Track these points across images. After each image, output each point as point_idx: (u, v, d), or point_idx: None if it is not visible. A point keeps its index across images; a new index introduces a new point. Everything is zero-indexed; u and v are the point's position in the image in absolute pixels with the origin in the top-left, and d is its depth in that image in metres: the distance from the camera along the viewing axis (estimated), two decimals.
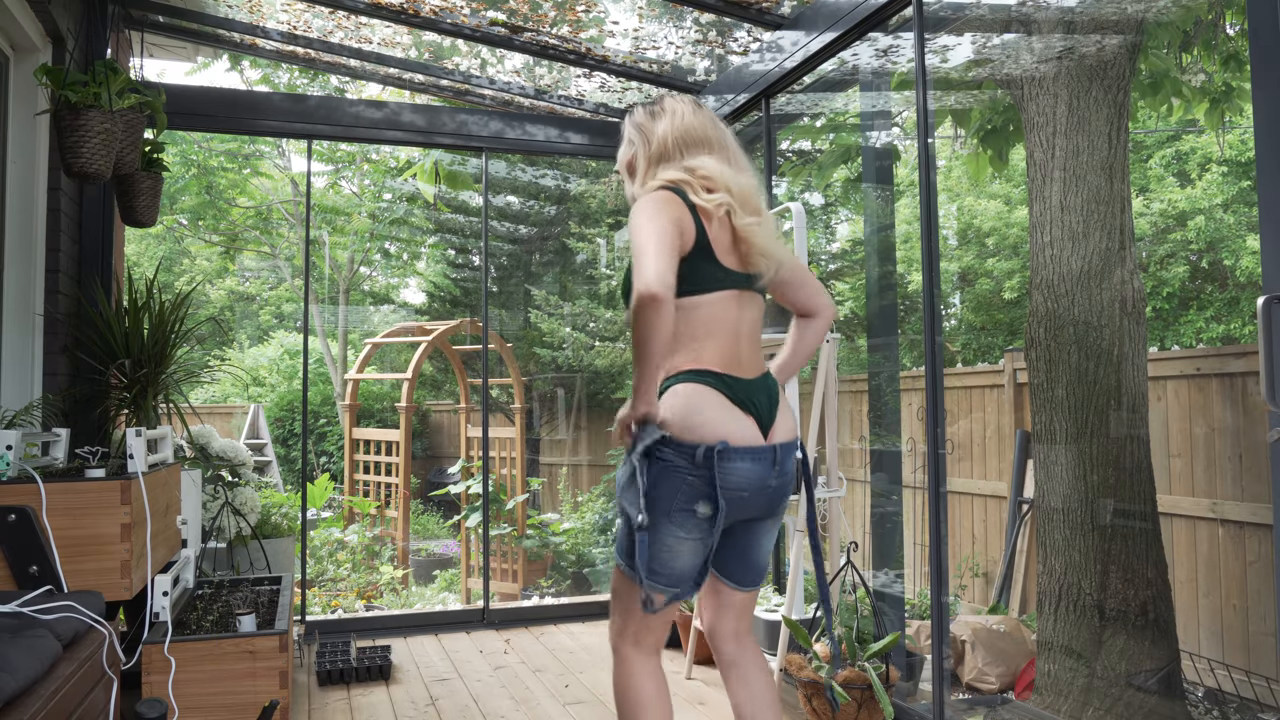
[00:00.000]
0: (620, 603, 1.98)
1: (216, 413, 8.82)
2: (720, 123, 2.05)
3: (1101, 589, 3.37)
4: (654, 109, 2.05)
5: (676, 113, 2.00)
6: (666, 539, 1.83)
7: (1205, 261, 6.90)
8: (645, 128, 2.03)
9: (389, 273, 10.28)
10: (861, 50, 3.42)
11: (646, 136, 2.02)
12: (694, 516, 1.82)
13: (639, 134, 2.03)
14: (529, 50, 3.98)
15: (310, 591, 5.38)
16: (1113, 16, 3.64)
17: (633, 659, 1.97)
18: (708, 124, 2.01)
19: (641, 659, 1.97)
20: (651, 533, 1.83)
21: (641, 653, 1.97)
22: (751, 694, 2.04)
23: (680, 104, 2.03)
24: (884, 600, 3.20)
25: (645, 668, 1.96)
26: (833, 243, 8.70)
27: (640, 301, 1.68)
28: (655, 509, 1.82)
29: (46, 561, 2.17)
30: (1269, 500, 3.37)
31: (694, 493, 1.82)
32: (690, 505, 1.82)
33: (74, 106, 2.53)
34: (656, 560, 1.85)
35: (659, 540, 1.84)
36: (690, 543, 1.85)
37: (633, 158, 2.05)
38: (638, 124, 2.04)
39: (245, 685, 2.59)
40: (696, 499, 1.82)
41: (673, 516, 1.82)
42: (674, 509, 1.82)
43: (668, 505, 1.82)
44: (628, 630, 1.97)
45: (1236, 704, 3.50)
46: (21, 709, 1.48)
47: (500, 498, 6.32)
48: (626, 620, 1.97)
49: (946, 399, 5.30)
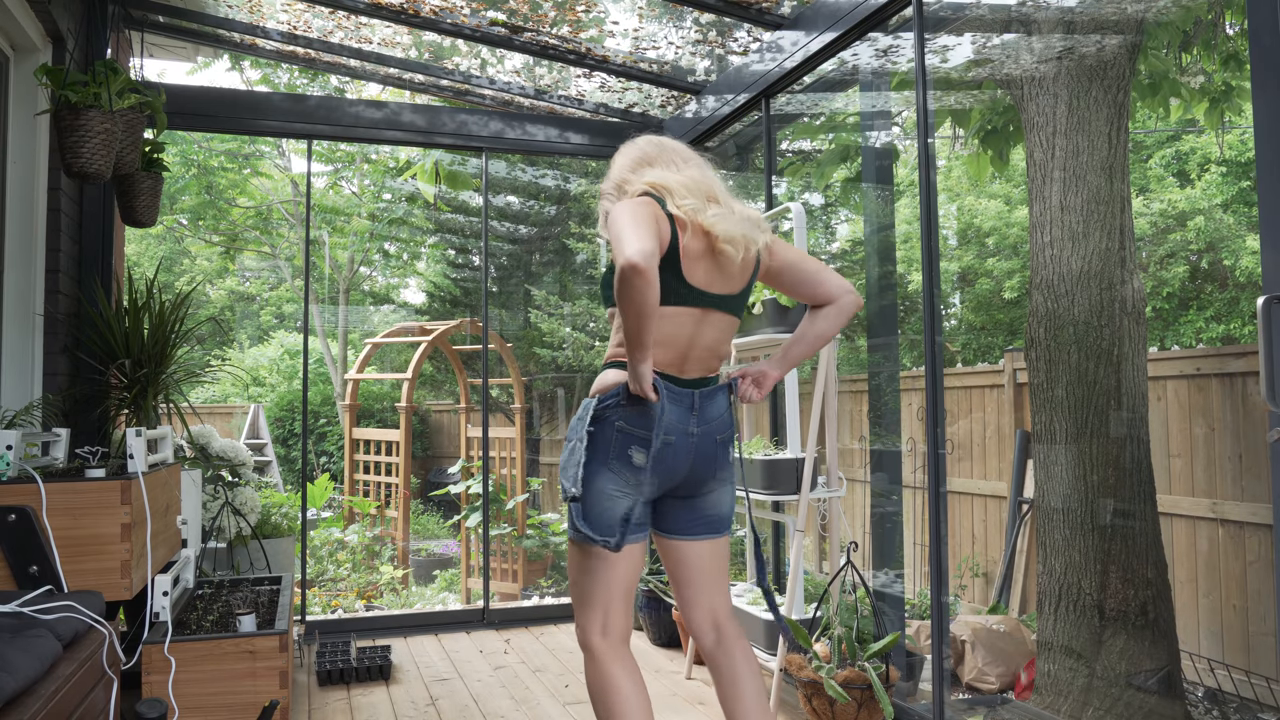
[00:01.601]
0: (580, 589, 2.03)
1: (216, 413, 8.82)
2: (669, 142, 2.20)
3: (1101, 589, 3.37)
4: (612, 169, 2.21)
5: (623, 151, 2.18)
6: (607, 486, 1.94)
7: (1205, 261, 6.90)
8: (609, 179, 2.16)
9: (389, 273, 10.28)
10: (861, 50, 3.42)
11: (614, 183, 2.15)
12: (630, 465, 1.94)
13: (607, 185, 2.16)
14: (529, 50, 3.98)
15: (310, 591, 5.38)
16: (1113, 16, 3.64)
17: (604, 652, 1.99)
18: (647, 146, 2.16)
19: (613, 651, 2.00)
20: (592, 483, 1.94)
21: (610, 643, 2.00)
22: (741, 700, 2.04)
23: (627, 145, 2.21)
24: (884, 600, 3.20)
25: (617, 659, 1.99)
26: (833, 243, 8.70)
27: (623, 274, 1.72)
28: (595, 460, 1.94)
29: (46, 561, 2.17)
30: (1269, 500, 3.37)
31: (626, 438, 1.94)
32: (626, 451, 1.94)
33: (74, 106, 2.53)
34: (594, 511, 1.95)
35: (600, 489, 1.94)
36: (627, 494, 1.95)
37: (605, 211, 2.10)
38: (604, 187, 2.17)
39: (245, 685, 2.59)
40: (630, 443, 1.94)
41: (611, 465, 1.94)
42: (611, 457, 1.94)
43: (605, 455, 1.94)
44: (594, 620, 2.01)
45: (1236, 704, 3.50)
46: (21, 709, 1.48)
47: (500, 498, 6.32)
48: (590, 608, 2.01)
49: (946, 399, 5.30)
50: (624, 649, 2.02)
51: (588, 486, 1.95)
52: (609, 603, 2.01)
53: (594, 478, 1.94)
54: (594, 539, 1.94)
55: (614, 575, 2.00)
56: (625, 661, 1.99)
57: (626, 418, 1.94)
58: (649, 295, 1.74)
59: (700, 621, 2.11)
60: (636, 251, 1.73)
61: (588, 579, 2.02)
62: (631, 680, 1.97)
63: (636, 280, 1.72)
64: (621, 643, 2.02)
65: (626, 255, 1.73)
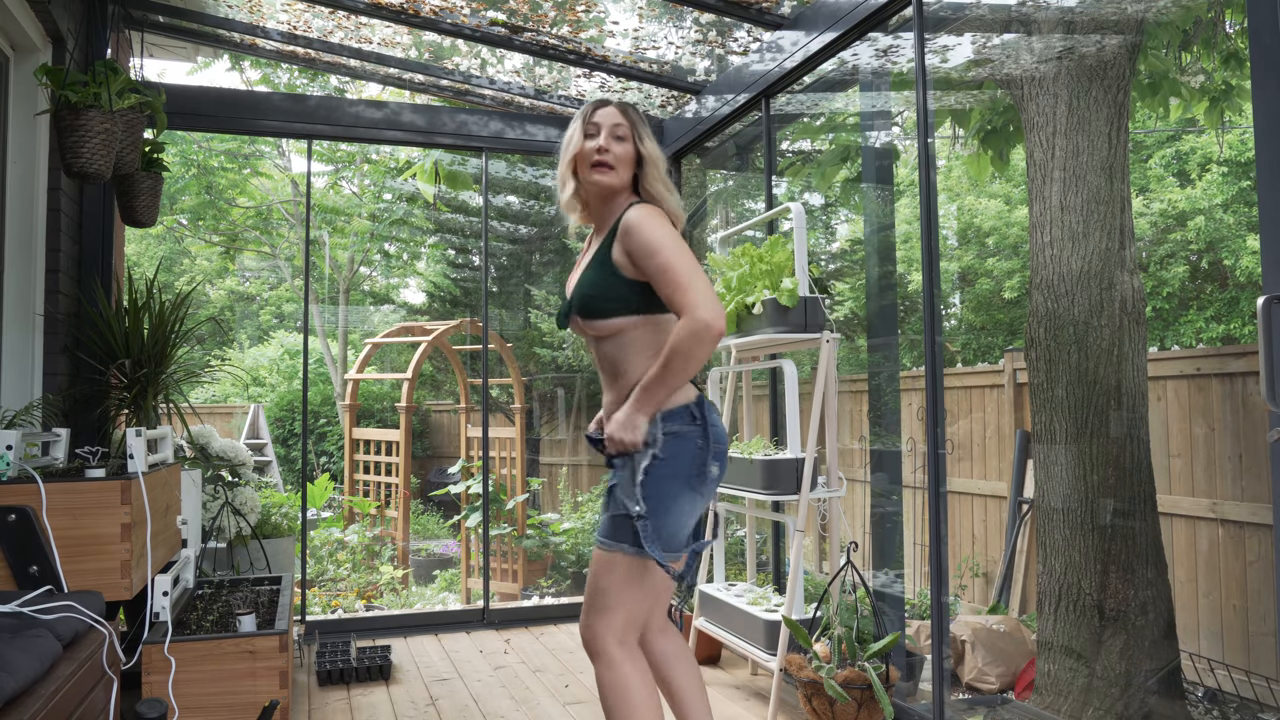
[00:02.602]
0: (616, 599, 1.93)
1: (216, 413, 8.83)
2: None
3: (1101, 589, 3.37)
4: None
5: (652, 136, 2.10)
6: (685, 506, 1.91)
7: (1205, 261, 6.90)
8: (655, 144, 2.07)
9: (389, 273, 10.28)
10: (861, 50, 3.41)
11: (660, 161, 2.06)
12: (706, 480, 1.93)
13: (645, 128, 2.06)
14: (529, 50, 3.98)
15: (310, 591, 5.38)
16: (1113, 16, 3.64)
17: (622, 660, 1.93)
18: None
19: (631, 659, 1.95)
20: (672, 503, 1.89)
21: (627, 651, 1.95)
22: (692, 675, 2.13)
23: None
24: (884, 600, 3.20)
25: (637, 668, 1.95)
26: (833, 243, 8.70)
27: (713, 334, 1.75)
28: (677, 480, 1.89)
29: (46, 561, 2.17)
30: (1269, 500, 3.37)
31: (703, 455, 1.92)
32: (704, 467, 1.93)
33: (74, 106, 2.53)
34: (668, 530, 1.89)
35: (678, 509, 1.90)
36: (700, 506, 1.95)
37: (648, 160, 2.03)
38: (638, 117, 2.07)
39: (245, 685, 2.59)
40: (706, 460, 1.93)
41: (691, 482, 1.91)
42: (692, 474, 1.91)
43: (686, 472, 1.90)
44: (615, 627, 1.93)
45: (1236, 704, 3.50)
46: (21, 709, 1.48)
47: (500, 498, 6.32)
48: (616, 616, 1.93)
49: (946, 399, 5.30)
50: (640, 654, 2.00)
51: (663, 506, 1.88)
52: (641, 616, 1.97)
53: (674, 498, 1.89)
54: (663, 563, 1.87)
55: (659, 590, 1.98)
56: (646, 672, 1.97)
57: (702, 434, 1.93)
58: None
59: (656, 626, 2.15)
60: (720, 316, 1.75)
61: (631, 592, 1.93)
62: (652, 692, 1.95)
63: (712, 344, 1.76)
64: (637, 648, 1.99)
65: (710, 319, 1.73)
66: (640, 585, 1.94)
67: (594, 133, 2.01)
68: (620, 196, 2.03)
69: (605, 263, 1.96)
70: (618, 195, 2.03)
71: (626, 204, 2.00)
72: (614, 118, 2.01)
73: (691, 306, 1.76)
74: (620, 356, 1.97)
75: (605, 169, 1.99)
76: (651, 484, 1.88)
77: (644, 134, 2.03)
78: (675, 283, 1.80)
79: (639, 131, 2.02)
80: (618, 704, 1.92)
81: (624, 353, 1.96)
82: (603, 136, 1.99)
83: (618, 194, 2.03)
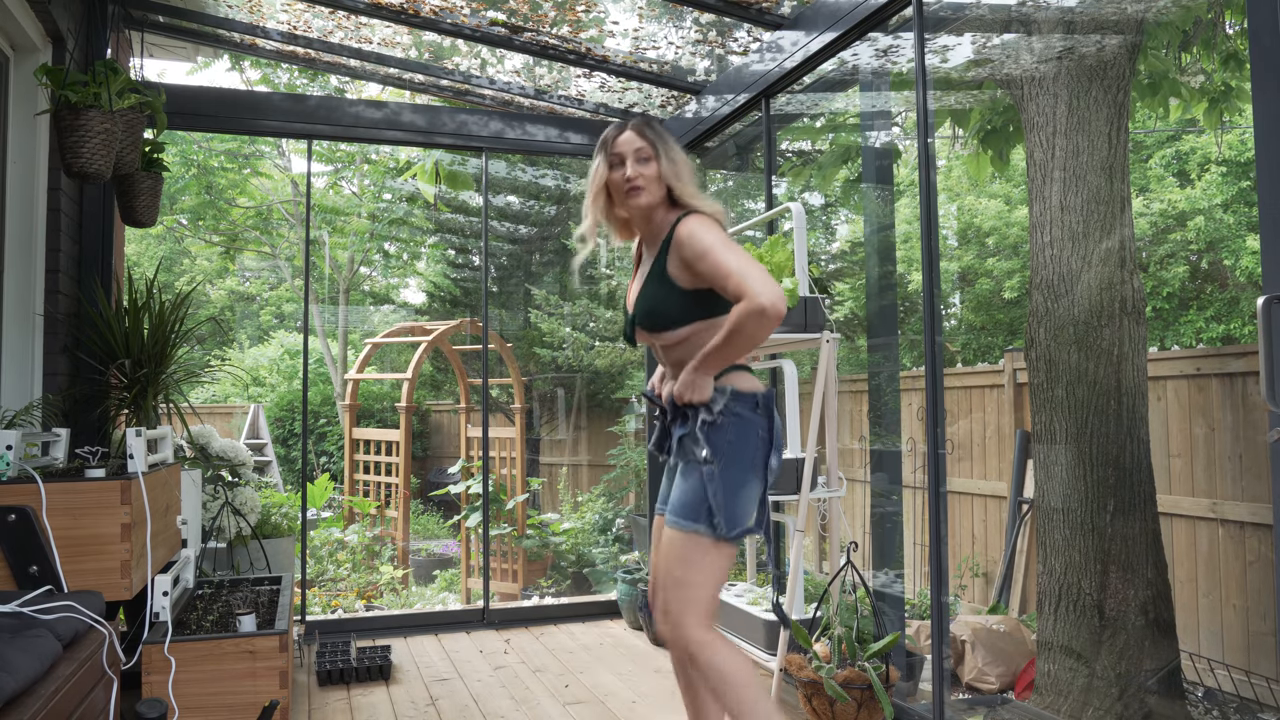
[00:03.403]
0: (697, 579, 1.98)
1: (216, 413, 8.82)
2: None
3: (1101, 589, 3.37)
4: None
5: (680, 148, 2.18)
6: (750, 489, 2.01)
7: (1205, 261, 6.91)
8: (683, 159, 2.14)
9: (389, 273, 10.28)
10: (861, 50, 3.41)
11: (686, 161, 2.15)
12: (769, 469, 2.05)
13: (666, 142, 2.13)
14: (529, 50, 3.98)
15: (310, 591, 5.38)
16: (1113, 16, 3.64)
17: (713, 639, 1.98)
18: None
19: (720, 636, 2.01)
20: (738, 481, 2.00)
21: (714, 631, 2.00)
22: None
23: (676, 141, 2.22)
24: (884, 600, 3.20)
25: (727, 642, 2.01)
26: (833, 243, 8.70)
27: (772, 315, 1.84)
28: (742, 461, 2.01)
29: (46, 561, 2.17)
30: (1269, 500, 3.37)
31: (765, 446, 2.04)
32: (765, 459, 2.04)
33: (74, 106, 2.53)
34: (733, 507, 1.99)
35: (744, 487, 2.00)
36: (759, 492, 2.05)
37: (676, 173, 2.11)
38: (657, 134, 2.14)
39: (245, 685, 2.59)
40: (767, 451, 2.04)
41: (756, 468, 2.02)
42: (758, 462, 2.02)
43: (753, 459, 2.02)
44: (702, 616, 1.98)
45: (1236, 704, 3.50)
46: (21, 709, 1.48)
47: (500, 498, 6.32)
48: (703, 602, 1.98)
49: (946, 399, 5.30)
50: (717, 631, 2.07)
51: (729, 478, 1.99)
52: (718, 598, 2.06)
53: (741, 478, 2.00)
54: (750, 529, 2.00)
55: (726, 571, 2.07)
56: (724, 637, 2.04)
57: (766, 426, 2.05)
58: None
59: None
60: (780, 298, 1.84)
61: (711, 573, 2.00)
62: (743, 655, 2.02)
63: (774, 324, 1.85)
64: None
65: (768, 303, 1.82)
66: (718, 566, 2.00)
67: (618, 162, 2.11)
68: (660, 210, 2.12)
69: (662, 277, 2.07)
70: (657, 210, 2.12)
71: (671, 218, 2.09)
72: (634, 143, 2.10)
73: (751, 293, 1.85)
74: (688, 356, 2.09)
75: (638, 193, 2.09)
76: (716, 445, 2.00)
77: (664, 149, 2.11)
78: (728, 274, 1.89)
79: (659, 149, 2.10)
80: (726, 685, 1.96)
81: (694, 353, 2.06)
82: (629, 165, 2.09)
83: (657, 208, 2.12)
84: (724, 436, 2.01)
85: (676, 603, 1.99)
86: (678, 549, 2.00)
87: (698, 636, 1.97)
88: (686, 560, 1.99)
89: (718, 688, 1.96)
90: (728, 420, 2.02)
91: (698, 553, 1.98)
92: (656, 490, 4.60)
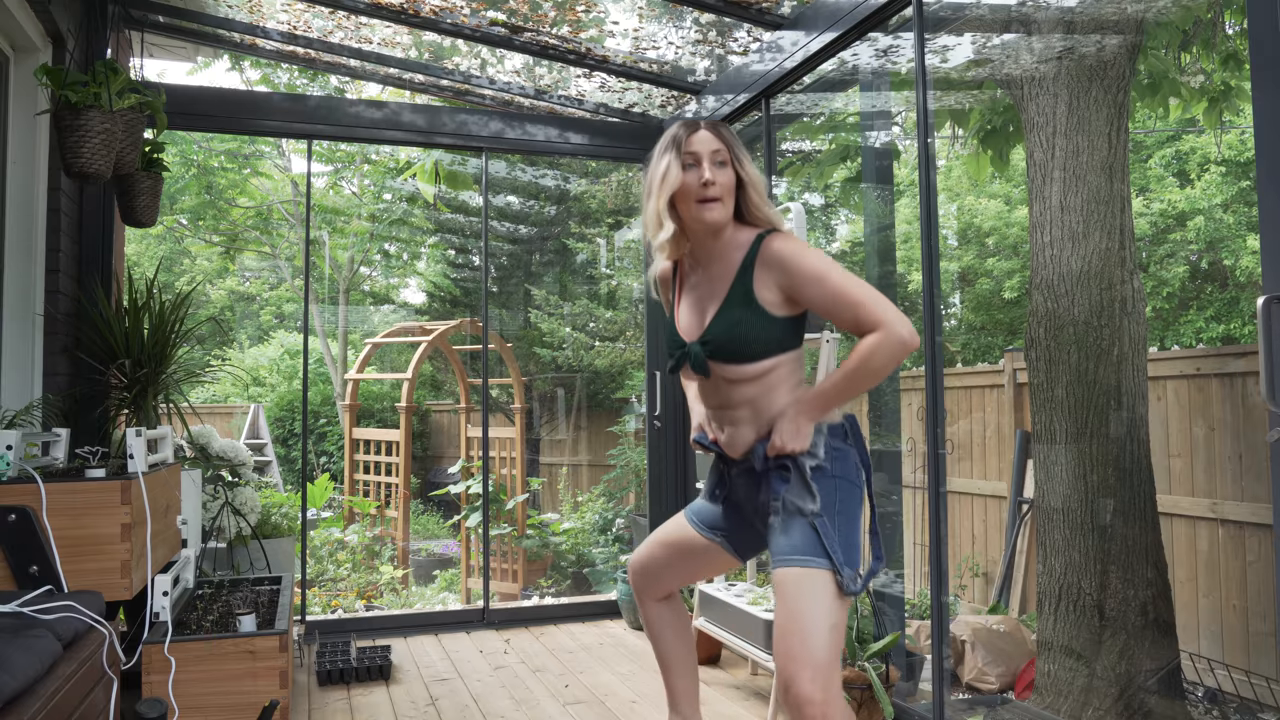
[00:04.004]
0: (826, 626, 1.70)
1: (216, 413, 8.82)
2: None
3: (1101, 589, 3.37)
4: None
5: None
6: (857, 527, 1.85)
7: (1205, 261, 6.91)
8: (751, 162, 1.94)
9: (389, 273, 10.28)
10: (861, 50, 3.41)
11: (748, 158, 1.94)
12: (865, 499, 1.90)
13: (741, 148, 1.93)
14: (529, 50, 3.98)
15: (310, 591, 5.38)
16: (1113, 16, 3.64)
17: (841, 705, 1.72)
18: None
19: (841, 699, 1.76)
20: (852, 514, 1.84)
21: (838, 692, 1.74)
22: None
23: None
24: (884, 600, 3.20)
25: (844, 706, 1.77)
26: (833, 243, 8.70)
27: (913, 345, 1.72)
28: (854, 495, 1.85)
29: (46, 561, 2.17)
30: (1269, 500, 3.37)
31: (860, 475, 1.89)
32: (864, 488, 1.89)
33: (74, 106, 2.53)
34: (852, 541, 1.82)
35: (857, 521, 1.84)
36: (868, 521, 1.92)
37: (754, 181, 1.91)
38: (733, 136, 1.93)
39: (245, 685, 2.59)
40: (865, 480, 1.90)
41: (861, 504, 1.87)
42: (861, 497, 1.87)
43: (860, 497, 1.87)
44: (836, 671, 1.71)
45: (1236, 704, 3.50)
46: (21, 709, 1.48)
47: (500, 498, 6.32)
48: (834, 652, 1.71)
49: (946, 399, 5.30)
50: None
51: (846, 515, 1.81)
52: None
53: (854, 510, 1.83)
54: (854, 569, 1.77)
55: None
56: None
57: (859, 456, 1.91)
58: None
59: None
60: (914, 332, 1.72)
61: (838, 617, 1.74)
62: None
63: (904, 359, 1.74)
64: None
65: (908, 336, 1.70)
66: (842, 610, 1.74)
67: (693, 162, 1.84)
68: (728, 228, 1.88)
69: (751, 303, 1.82)
70: (726, 226, 1.88)
71: (744, 235, 1.88)
72: (711, 144, 1.85)
73: (889, 323, 1.71)
74: (762, 394, 1.87)
75: (714, 203, 1.83)
76: (826, 492, 1.82)
77: (741, 155, 1.88)
78: (857, 302, 1.74)
79: (736, 154, 1.87)
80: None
81: (769, 391, 1.86)
82: (706, 168, 1.83)
83: (725, 225, 1.88)
84: (829, 482, 1.82)
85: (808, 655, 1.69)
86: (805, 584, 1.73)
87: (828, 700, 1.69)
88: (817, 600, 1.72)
89: None
90: (831, 462, 1.84)
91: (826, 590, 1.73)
92: (656, 490, 4.61)
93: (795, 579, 1.74)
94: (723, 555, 2.07)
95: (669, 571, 2.14)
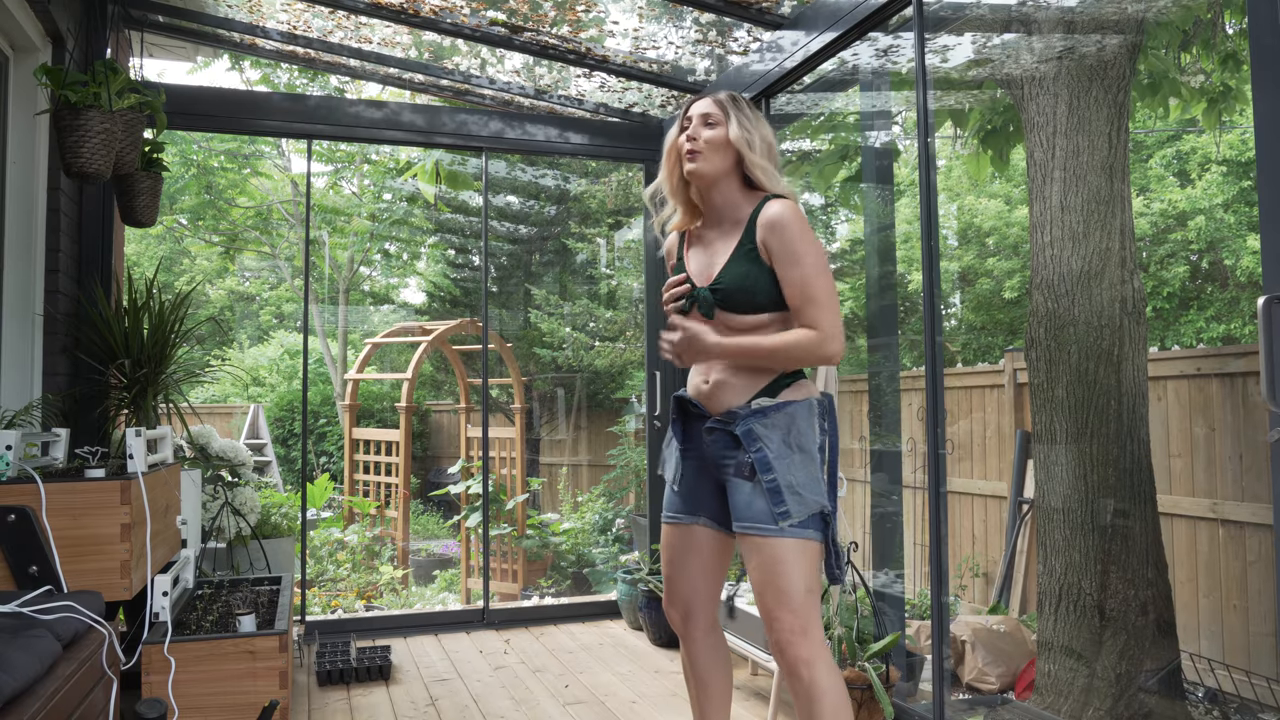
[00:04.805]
0: (814, 593, 1.87)
1: (216, 413, 8.82)
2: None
3: (1101, 589, 3.37)
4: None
5: (758, 114, 2.05)
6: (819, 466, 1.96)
7: (1205, 261, 6.91)
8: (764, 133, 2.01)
9: (389, 273, 10.28)
10: (861, 50, 3.41)
11: (770, 147, 2.02)
12: (834, 488, 2.00)
13: (742, 112, 2.00)
14: (529, 50, 3.98)
15: (310, 591, 5.38)
16: (1113, 16, 3.64)
17: (829, 658, 1.87)
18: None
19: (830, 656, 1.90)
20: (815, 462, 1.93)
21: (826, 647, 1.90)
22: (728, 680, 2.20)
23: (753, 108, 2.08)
24: (884, 600, 3.20)
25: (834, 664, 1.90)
26: (833, 243, 8.70)
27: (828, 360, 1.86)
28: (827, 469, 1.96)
29: (46, 561, 2.17)
30: (1269, 500, 3.37)
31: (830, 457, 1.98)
32: (834, 477, 1.98)
33: (74, 106, 2.53)
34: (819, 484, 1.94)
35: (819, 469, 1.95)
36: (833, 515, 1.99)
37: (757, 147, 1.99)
38: (734, 103, 2.02)
39: (245, 685, 2.59)
40: (831, 466, 1.98)
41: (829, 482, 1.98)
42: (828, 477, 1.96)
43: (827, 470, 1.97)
44: (820, 625, 1.87)
45: (1237, 704, 3.50)
46: (21, 709, 1.48)
47: (500, 498, 6.32)
48: (817, 609, 1.88)
49: (946, 399, 5.30)
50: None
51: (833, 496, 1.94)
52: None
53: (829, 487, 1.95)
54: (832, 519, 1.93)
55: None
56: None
57: (831, 443, 1.99)
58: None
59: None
60: (842, 349, 1.85)
61: (817, 580, 1.90)
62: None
63: (827, 363, 1.85)
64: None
65: (836, 352, 1.84)
66: (819, 573, 1.90)
67: (687, 125, 2.01)
68: (729, 186, 2.00)
69: (756, 259, 1.94)
70: (720, 183, 2.00)
71: (750, 200, 1.99)
72: (705, 108, 2.00)
73: (828, 334, 1.85)
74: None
75: (694, 155, 1.97)
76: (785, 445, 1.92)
77: (736, 116, 1.97)
78: (815, 299, 1.86)
79: (731, 114, 1.97)
80: (837, 709, 1.85)
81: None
82: (692, 127, 1.99)
83: (720, 182, 1.99)
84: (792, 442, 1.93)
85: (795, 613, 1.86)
86: (794, 552, 1.88)
87: (812, 658, 1.86)
88: (801, 565, 1.87)
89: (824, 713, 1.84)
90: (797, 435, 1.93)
91: (812, 557, 1.90)
92: (656, 490, 4.60)
93: (791, 549, 1.87)
94: (710, 532, 2.09)
95: (687, 582, 2.10)
